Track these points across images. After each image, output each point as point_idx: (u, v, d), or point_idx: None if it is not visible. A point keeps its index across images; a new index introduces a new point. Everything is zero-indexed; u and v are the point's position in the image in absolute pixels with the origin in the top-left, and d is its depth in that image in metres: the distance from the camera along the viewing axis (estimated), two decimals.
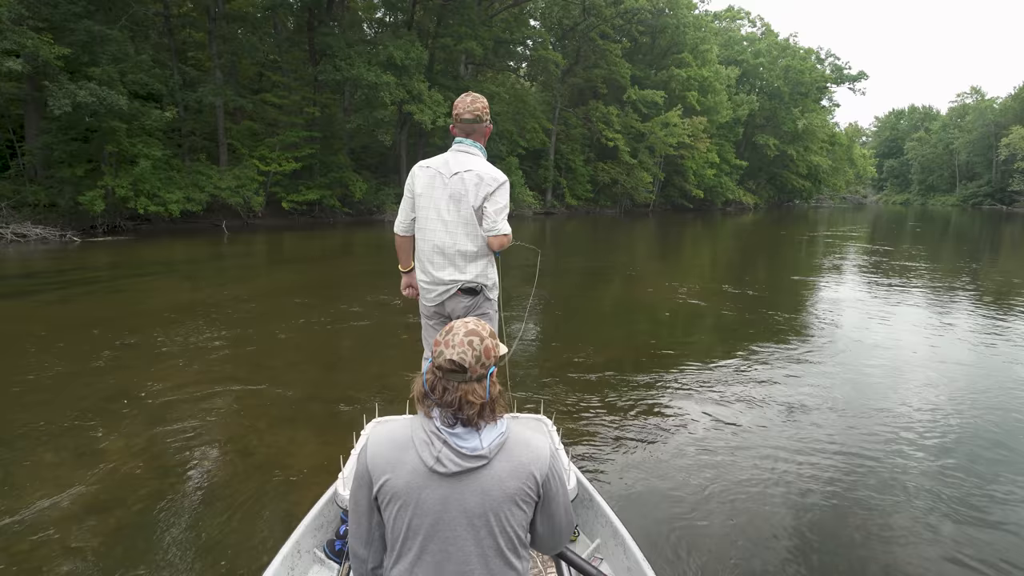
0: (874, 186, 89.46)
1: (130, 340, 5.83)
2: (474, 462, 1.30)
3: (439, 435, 1.31)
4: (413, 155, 28.55)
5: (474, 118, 2.54)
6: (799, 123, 44.38)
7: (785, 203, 57.94)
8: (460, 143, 2.57)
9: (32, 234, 14.35)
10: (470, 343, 1.32)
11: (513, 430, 1.39)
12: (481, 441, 1.31)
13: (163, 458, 3.40)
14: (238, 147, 20.72)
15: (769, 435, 3.89)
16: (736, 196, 45.10)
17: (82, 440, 3.59)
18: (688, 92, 36.88)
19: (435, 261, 2.56)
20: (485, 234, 2.50)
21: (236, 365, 5.12)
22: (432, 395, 1.33)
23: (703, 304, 8.24)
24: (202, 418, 3.94)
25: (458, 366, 1.30)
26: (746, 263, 14.50)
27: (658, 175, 37.60)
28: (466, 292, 2.57)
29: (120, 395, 4.32)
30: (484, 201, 2.47)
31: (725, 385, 4.82)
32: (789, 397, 4.58)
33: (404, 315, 7.10)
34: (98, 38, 15.12)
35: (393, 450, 1.35)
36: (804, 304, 8.65)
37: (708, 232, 25.51)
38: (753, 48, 47.05)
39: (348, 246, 16.54)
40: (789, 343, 6.23)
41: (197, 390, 4.45)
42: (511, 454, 1.34)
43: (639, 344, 6.23)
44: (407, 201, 2.63)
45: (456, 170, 2.50)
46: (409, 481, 1.31)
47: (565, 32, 33.77)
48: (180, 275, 10.02)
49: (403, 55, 19.69)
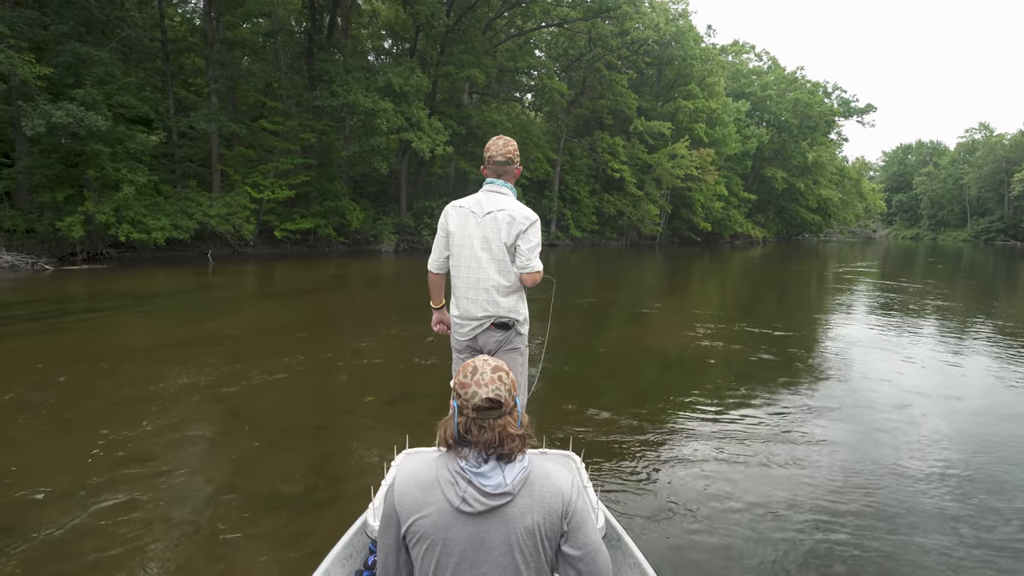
0: (883, 220, 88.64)
1: (36, 396, 4.85)
2: (499, 499, 1.33)
3: (463, 475, 1.34)
4: (414, 184, 27.94)
5: (506, 160, 2.64)
6: (809, 156, 43.80)
7: (793, 237, 57.09)
8: (492, 183, 2.66)
9: (1, 261, 13.53)
10: (499, 378, 1.40)
11: (535, 464, 1.41)
12: (505, 478, 1.34)
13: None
14: (231, 174, 20.07)
15: (799, 482, 3.70)
16: (744, 229, 44.28)
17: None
18: (696, 124, 36.41)
19: (469, 296, 2.64)
20: (518, 271, 2.61)
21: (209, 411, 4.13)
22: (467, 437, 1.36)
23: (721, 343, 7.69)
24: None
25: (495, 403, 1.37)
26: (762, 300, 13.48)
27: (665, 207, 36.88)
28: (499, 327, 2.65)
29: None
30: (517, 239, 2.59)
31: (753, 428, 4.63)
32: (818, 443, 4.35)
33: (407, 352, 6.12)
34: (84, 60, 14.58)
35: (419, 491, 1.37)
36: (824, 345, 7.97)
37: (718, 266, 24.55)
38: (760, 81, 46.84)
39: (342, 278, 15.63)
40: (814, 384, 5.96)
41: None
42: (533, 488, 1.37)
43: (662, 382, 6.12)
44: (441, 240, 2.71)
45: (489, 209, 2.60)
46: (436, 521, 1.34)
47: (571, 62, 33.50)
48: (141, 310, 9.07)
49: (402, 81, 19.13)
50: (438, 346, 7.13)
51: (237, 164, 20.28)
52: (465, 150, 27.15)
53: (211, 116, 18.28)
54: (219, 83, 19.16)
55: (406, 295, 12.59)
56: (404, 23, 26.02)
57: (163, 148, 20.37)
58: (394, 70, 19.59)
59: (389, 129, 18.92)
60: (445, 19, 22.25)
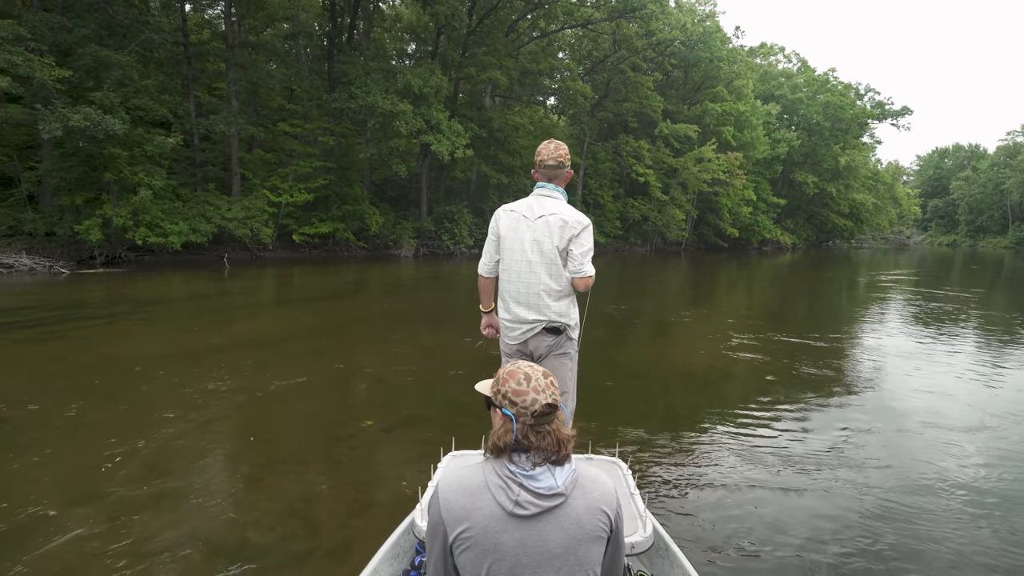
0: (918, 226, 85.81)
1: (9, 413, 4.47)
2: (552, 501, 1.33)
3: (514, 478, 1.34)
4: (435, 188, 27.62)
5: (557, 164, 2.63)
6: (841, 160, 42.34)
7: (824, 243, 55.40)
8: (543, 187, 2.65)
9: (19, 264, 13.48)
10: (551, 383, 1.43)
11: (581, 467, 1.41)
12: (556, 479, 1.34)
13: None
14: (250, 177, 19.95)
15: (846, 503, 3.54)
16: (773, 235, 43.01)
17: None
18: (723, 127, 35.44)
19: (520, 300, 2.65)
20: (571, 276, 2.60)
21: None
22: (525, 443, 1.36)
23: (759, 355, 7.38)
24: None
25: (553, 407, 1.39)
26: (795, 309, 12.70)
27: (691, 212, 35.97)
28: (550, 331, 2.64)
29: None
30: (569, 243, 2.58)
31: (799, 443, 4.49)
32: (868, 463, 4.15)
33: (419, 366, 5.64)
34: (104, 63, 14.53)
35: (466, 497, 1.35)
36: (868, 357, 7.52)
37: (746, 273, 23.66)
38: (790, 83, 45.58)
39: (360, 284, 15.22)
40: (859, 398, 5.74)
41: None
42: (585, 490, 1.37)
43: (700, 393, 5.93)
44: (491, 244, 2.74)
45: (541, 213, 2.60)
46: (487, 527, 1.32)
47: (595, 64, 32.91)
48: (142, 317, 8.75)
49: (421, 83, 18.77)
50: (454, 359, 6.65)
51: (256, 167, 20.17)
52: (487, 154, 26.74)
53: (230, 119, 18.17)
54: (238, 86, 19.04)
55: (425, 302, 12.15)
56: (426, 25, 25.77)
57: (184, 152, 20.42)
58: (413, 72, 19.26)
59: (408, 132, 18.56)
60: (466, 20, 21.88)
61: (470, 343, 7.47)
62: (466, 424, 4.63)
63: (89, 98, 13.83)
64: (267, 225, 19.15)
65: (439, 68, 20.74)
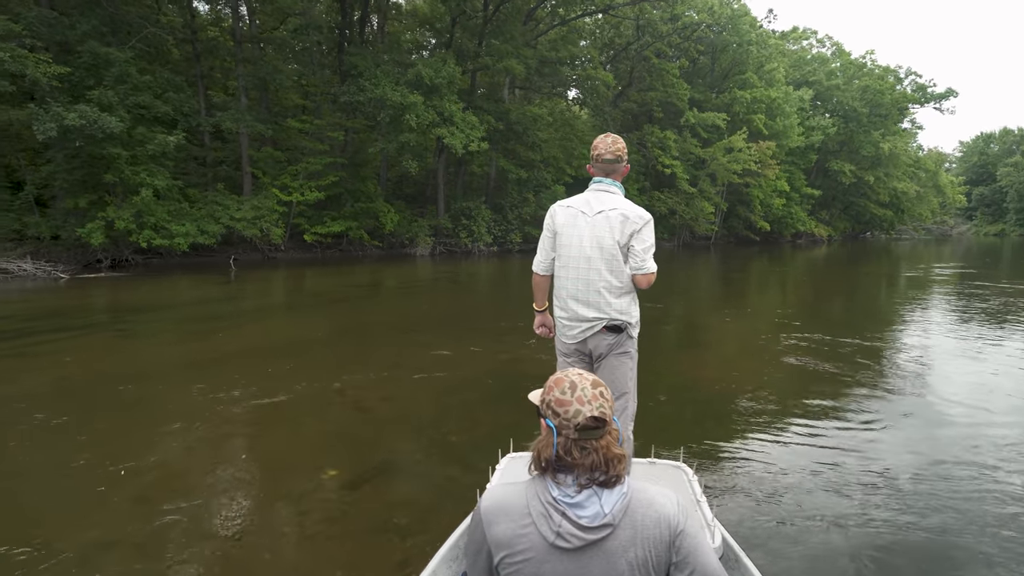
0: (962, 216, 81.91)
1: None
2: (597, 533, 1.24)
3: (556, 506, 1.26)
4: (453, 184, 26.78)
5: (615, 158, 2.58)
6: (884, 147, 40.13)
7: (861, 235, 53.04)
8: (600, 182, 2.61)
9: (18, 270, 13.05)
10: (601, 394, 1.32)
11: (636, 489, 1.31)
12: (603, 507, 1.25)
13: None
14: (260, 176, 19.37)
15: (926, 505, 3.37)
16: (807, 227, 41.12)
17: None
18: (754, 115, 33.77)
19: (579, 298, 2.57)
20: (633, 272, 2.54)
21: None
22: (568, 459, 1.28)
23: (810, 358, 6.96)
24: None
25: (599, 421, 1.28)
26: (839, 307, 11.47)
27: (720, 205, 34.44)
28: (610, 329, 2.56)
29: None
30: (631, 239, 2.52)
31: (874, 445, 4.32)
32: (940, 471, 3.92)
33: (416, 388, 4.77)
34: (104, 61, 14.00)
35: (509, 523, 1.29)
36: (924, 361, 6.92)
37: (781, 268, 22.25)
38: (825, 68, 43.45)
39: (371, 286, 14.41)
40: (921, 403, 5.45)
41: None
42: (635, 518, 1.27)
43: (755, 395, 5.53)
44: (547, 240, 2.68)
45: (599, 208, 2.55)
46: (529, 557, 1.25)
47: (617, 52, 31.63)
48: (119, 328, 8.02)
49: (433, 73, 17.86)
50: (458, 379, 5.73)
51: (266, 166, 19.58)
52: (505, 147, 25.78)
53: (237, 116, 17.57)
54: (247, 82, 18.43)
55: (440, 307, 11.27)
56: (441, 16, 24.89)
57: (197, 151, 19.97)
58: (424, 62, 18.39)
59: (419, 125, 17.70)
60: (481, 8, 20.92)
61: (478, 354, 6.58)
62: (452, 478, 3.72)
63: (87, 96, 13.30)
64: (277, 225, 18.55)
65: (452, 58, 19.82)
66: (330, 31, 21.03)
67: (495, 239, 25.49)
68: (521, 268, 20.53)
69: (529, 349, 7.10)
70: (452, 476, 3.74)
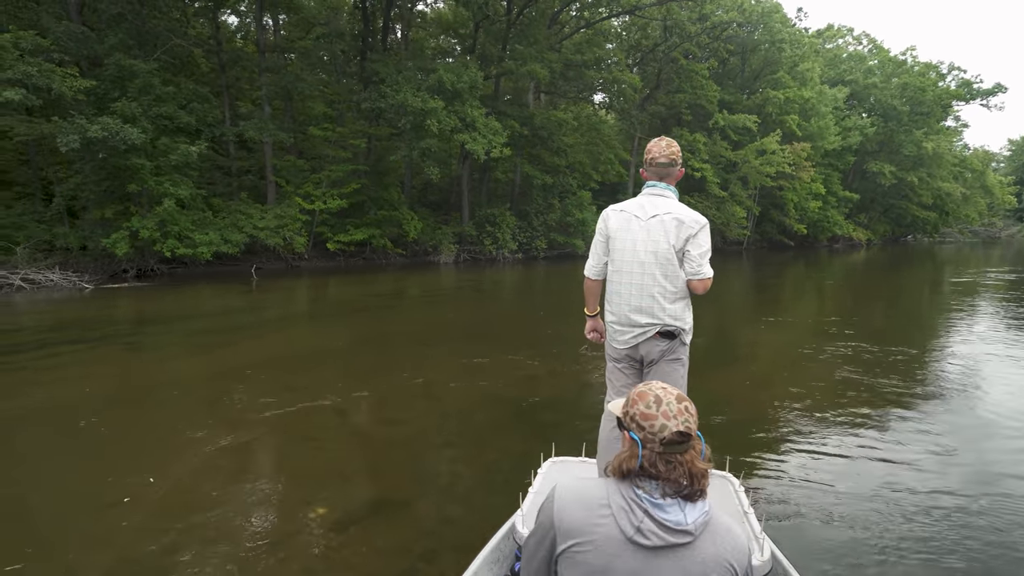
0: (1012, 217, 78.15)
1: None
2: (678, 537, 1.24)
3: (640, 503, 1.26)
4: (478, 191, 26.50)
5: (670, 162, 2.55)
6: (927, 146, 38.39)
7: (901, 238, 50.92)
8: (653, 186, 2.59)
9: (44, 280, 13.16)
10: (686, 408, 1.32)
11: (715, 511, 1.31)
12: (686, 516, 1.25)
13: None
14: (283, 185, 19.38)
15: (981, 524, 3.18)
16: (845, 231, 39.56)
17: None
18: (787, 116, 32.64)
19: (632, 303, 2.55)
20: (689, 277, 2.51)
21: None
22: (652, 471, 1.27)
23: (861, 370, 6.70)
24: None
25: (685, 436, 1.27)
26: (884, 316, 10.68)
27: (752, 209, 33.36)
28: (663, 335, 2.53)
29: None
30: (686, 244, 2.49)
31: (923, 457, 4.15)
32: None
33: (426, 411, 4.40)
34: (130, 73, 14.11)
35: (584, 512, 1.28)
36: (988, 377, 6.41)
37: (817, 273, 21.28)
38: (863, 67, 41.92)
39: (394, 295, 14.11)
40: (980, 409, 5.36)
41: None
42: (715, 537, 1.26)
43: (802, 405, 5.43)
44: (599, 244, 2.68)
45: (654, 212, 2.52)
46: (601, 548, 1.25)
47: (644, 55, 30.98)
48: (127, 341, 7.83)
49: (455, 78, 17.59)
50: (472, 399, 5.31)
51: (289, 174, 19.58)
52: (530, 153, 25.39)
53: (260, 125, 17.58)
54: (268, 89, 18.46)
55: (463, 317, 10.90)
56: (464, 22, 24.71)
57: (222, 161, 20.11)
58: (446, 67, 18.12)
59: (440, 130, 17.43)
60: (503, 12, 20.63)
61: (494, 370, 6.15)
62: (451, 520, 3.29)
63: (111, 108, 13.40)
64: (300, 234, 18.48)
65: (475, 63, 19.54)
66: (353, 39, 21.01)
67: (520, 246, 25.08)
68: (546, 276, 20.08)
69: (547, 365, 6.65)
70: (451, 518, 3.32)
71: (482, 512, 3.31)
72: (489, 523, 2.61)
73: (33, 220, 15.51)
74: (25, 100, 11.51)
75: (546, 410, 5.22)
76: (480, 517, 3.23)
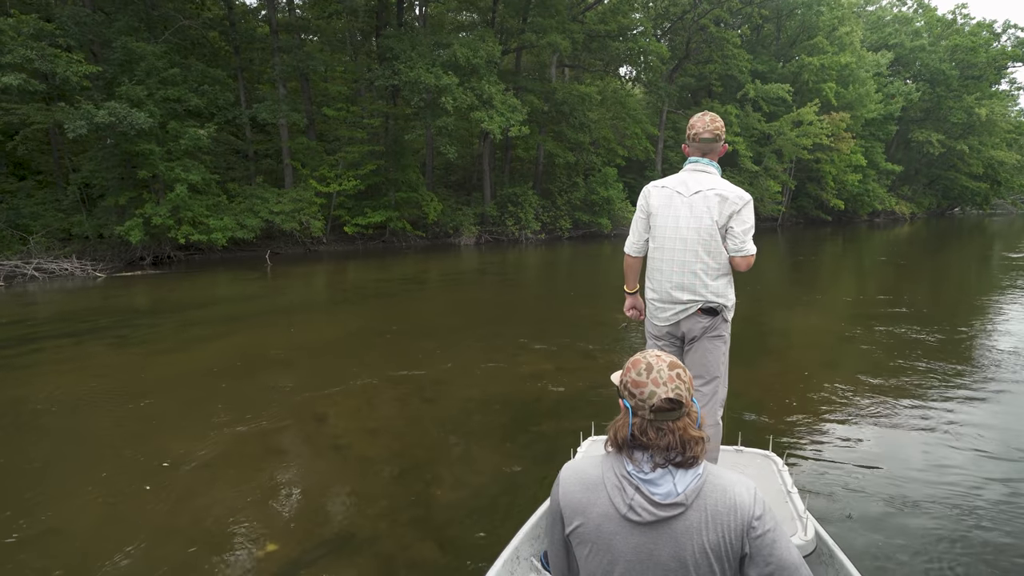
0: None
1: None
2: (669, 511, 1.25)
3: (630, 480, 1.28)
4: (500, 170, 25.79)
5: (713, 137, 2.52)
6: (979, 111, 35.95)
7: (948, 211, 48.37)
8: (696, 162, 2.56)
9: (58, 269, 13.09)
10: (678, 375, 1.31)
11: (711, 474, 1.31)
12: (676, 486, 1.26)
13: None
14: (298, 167, 19.02)
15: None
16: (887, 205, 37.59)
17: None
18: (823, 84, 30.79)
19: (674, 280, 2.53)
20: (732, 254, 2.48)
21: None
22: (643, 440, 1.29)
23: (922, 340, 6.79)
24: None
25: (675, 403, 1.28)
26: (945, 296, 9.75)
27: (788, 183, 31.82)
28: (706, 312, 2.51)
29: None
30: (730, 220, 2.45)
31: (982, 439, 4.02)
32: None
33: (421, 415, 3.90)
34: (135, 56, 13.79)
35: (583, 492, 1.32)
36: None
37: (858, 248, 20.05)
38: (908, 29, 39.35)
39: (420, 278, 13.65)
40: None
41: None
42: (707, 502, 1.27)
43: (863, 379, 5.39)
44: (640, 221, 2.65)
45: (697, 188, 2.49)
46: (600, 526, 1.29)
47: (672, 23, 29.50)
48: (117, 334, 7.49)
49: (470, 53, 16.81)
50: (465, 406, 4.73)
51: (304, 156, 19.20)
52: (553, 130, 24.49)
53: (273, 107, 17.18)
54: (281, 69, 18.00)
55: (469, 305, 10.36)
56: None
57: (239, 144, 19.86)
58: (460, 41, 17.33)
59: (455, 108, 16.72)
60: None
61: (496, 368, 5.61)
62: (419, 564, 2.77)
63: (117, 92, 13.12)
64: (317, 217, 18.13)
65: (491, 36, 18.69)
66: (368, 15, 20.35)
67: (543, 226, 24.36)
68: (572, 256, 19.39)
69: (556, 361, 6.06)
70: (422, 560, 2.79)
71: (457, 552, 2.80)
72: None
73: (53, 208, 15.50)
74: (26, 85, 11.25)
75: (585, 392, 5.07)
76: (455, 559, 2.73)
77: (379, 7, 19.65)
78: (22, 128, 14.56)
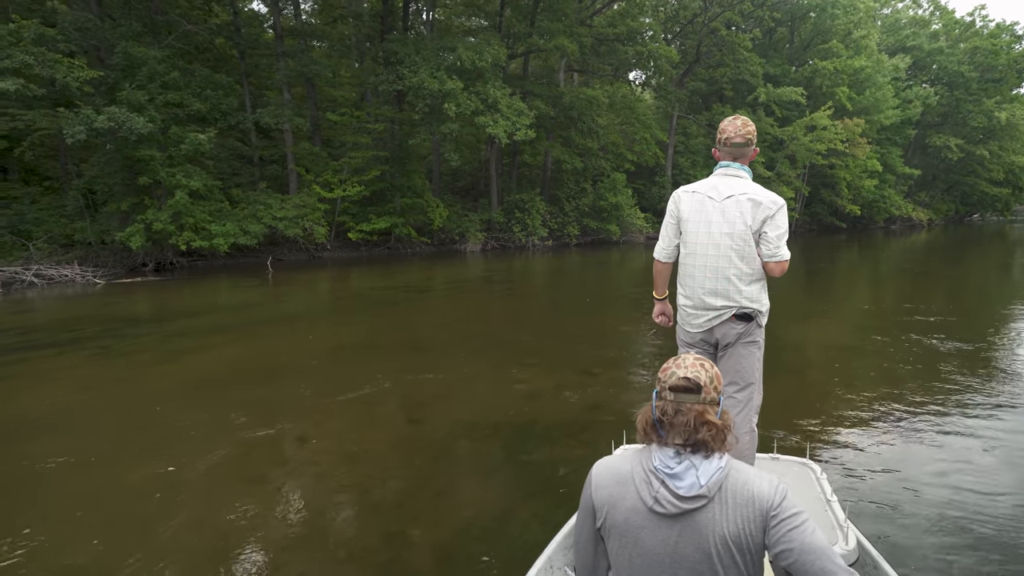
0: None
1: None
2: (692, 503, 1.28)
3: (656, 474, 1.32)
4: (507, 176, 25.51)
5: (745, 142, 2.51)
6: (1000, 115, 35.13)
7: (966, 217, 47.35)
8: (727, 167, 2.54)
9: (58, 275, 12.95)
10: (702, 365, 1.39)
11: (735, 467, 1.33)
12: (699, 478, 1.29)
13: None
14: (303, 173, 18.84)
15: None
16: (903, 211, 36.80)
17: None
18: (836, 88, 30.18)
19: (707, 286, 2.50)
20: (766, 260, 2.46)
21: None
22: (663, 419, 1.34)
23: (949, 353, 6.52)
24: None
25: (693, 384, 1.34)
26: (968, 307, 9.27)
27: (801, 189, 31.23)
28: (740, 318, 2.49)
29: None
30: (763, 225, 2.43)
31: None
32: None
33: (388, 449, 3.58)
34: (136, 61, 13.68)
35: (615, 485, 1.36)
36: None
37: (874, 255, 19.48)
38: (925, 31, 38.63)
39: (423, 286, 13.35)
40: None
41: None
42: (727, 494, 1.29)
43: (903, 385, 5.40)
44: (670, 226, 2.62)
45: (728, 193, 2.47)
46: (628, 519, 1.33)
47: (682, 26, 29.13)
48: (100, 345, 7.25)
49: (475, 56, 16.55)
50: (452, 430, 4.37)
51: (309, 162, 19.03)
52: (561, 135, 24.18)
53: (276, 112, 17.02)
54: (286, 74, 17.86)
55: (470, 316, 10.03)
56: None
57: (244, 150, 19.75)
58: (465, 45, 17.08)
59: (458, 114, 16.45)
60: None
61: (491, 384, 5.26)
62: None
63: (118, 97, 13.00)
64: (320, 223, 17.93)
65: (496, 39, 18.43)
66: (372, 20, 20.21)
67: (551, 232, 24.01)
68: (580, 263, 19.01)
69: (556, 378, 5.69)
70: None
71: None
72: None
73: (57, 214, 15.42)
74: (23, 90, 11.13)
75: (581, 415, 4.74)
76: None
77: (384, 12, 19.48)
78: (29, 134, 14.52)
